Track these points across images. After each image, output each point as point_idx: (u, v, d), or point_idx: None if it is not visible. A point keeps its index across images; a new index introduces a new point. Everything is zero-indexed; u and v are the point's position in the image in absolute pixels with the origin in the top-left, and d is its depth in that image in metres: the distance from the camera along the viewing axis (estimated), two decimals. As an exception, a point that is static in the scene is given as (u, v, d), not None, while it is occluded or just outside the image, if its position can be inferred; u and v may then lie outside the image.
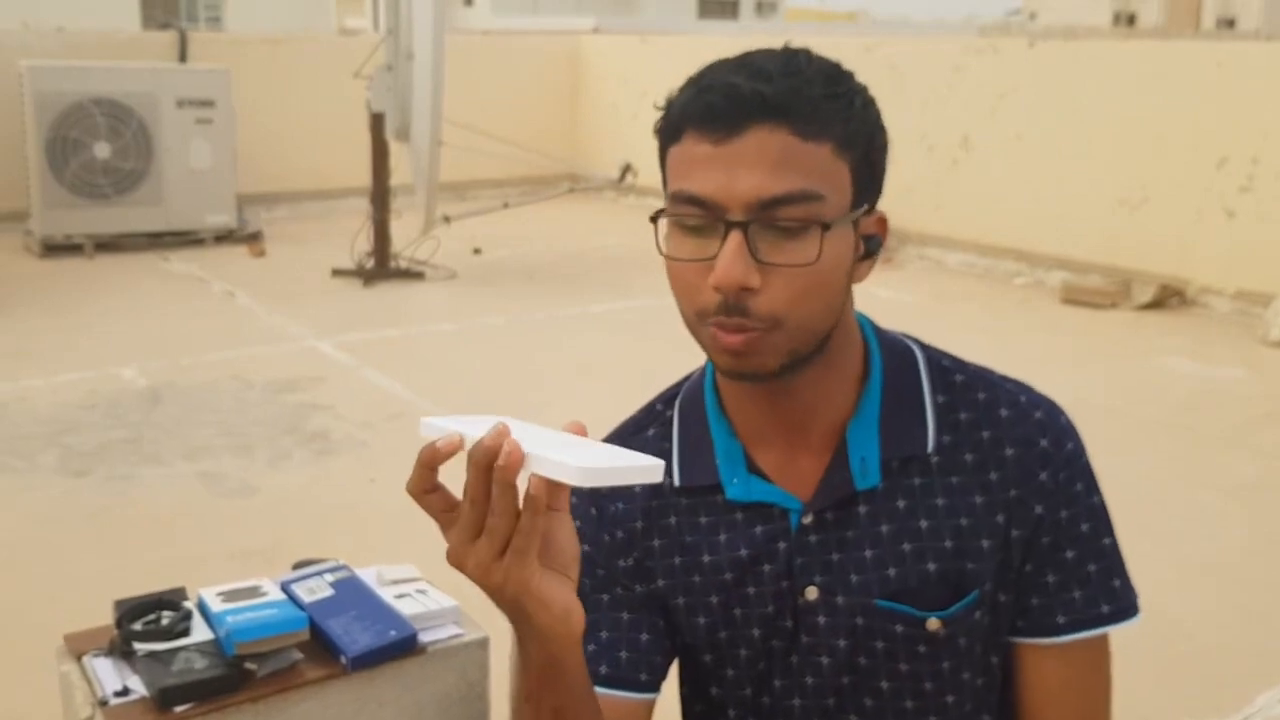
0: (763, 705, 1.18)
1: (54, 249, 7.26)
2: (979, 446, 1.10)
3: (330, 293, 6.54)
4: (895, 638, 1.10)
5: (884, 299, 6.50)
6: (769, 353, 1.02)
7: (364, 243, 6.82)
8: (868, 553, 1.10)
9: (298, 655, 1.44)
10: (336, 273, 6.82)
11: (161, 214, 7.56)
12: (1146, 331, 5.99)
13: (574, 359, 5.21)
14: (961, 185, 7.57)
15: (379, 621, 1.48)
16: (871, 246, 1.06)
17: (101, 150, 7.29)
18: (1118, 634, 1.12)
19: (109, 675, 1.42)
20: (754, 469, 1.13)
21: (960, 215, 7.54)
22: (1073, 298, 6.55)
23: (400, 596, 1.56)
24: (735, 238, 0.98)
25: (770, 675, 1.17)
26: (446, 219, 7.04)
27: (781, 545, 1.12)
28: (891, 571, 1.09)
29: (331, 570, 1.60)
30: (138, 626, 1.47)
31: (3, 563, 3.26)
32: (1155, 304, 6.36)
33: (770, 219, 0.98)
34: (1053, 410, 1.13)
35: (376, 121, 6.72)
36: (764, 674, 1.17)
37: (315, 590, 1.55)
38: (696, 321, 1.04)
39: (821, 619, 1.12)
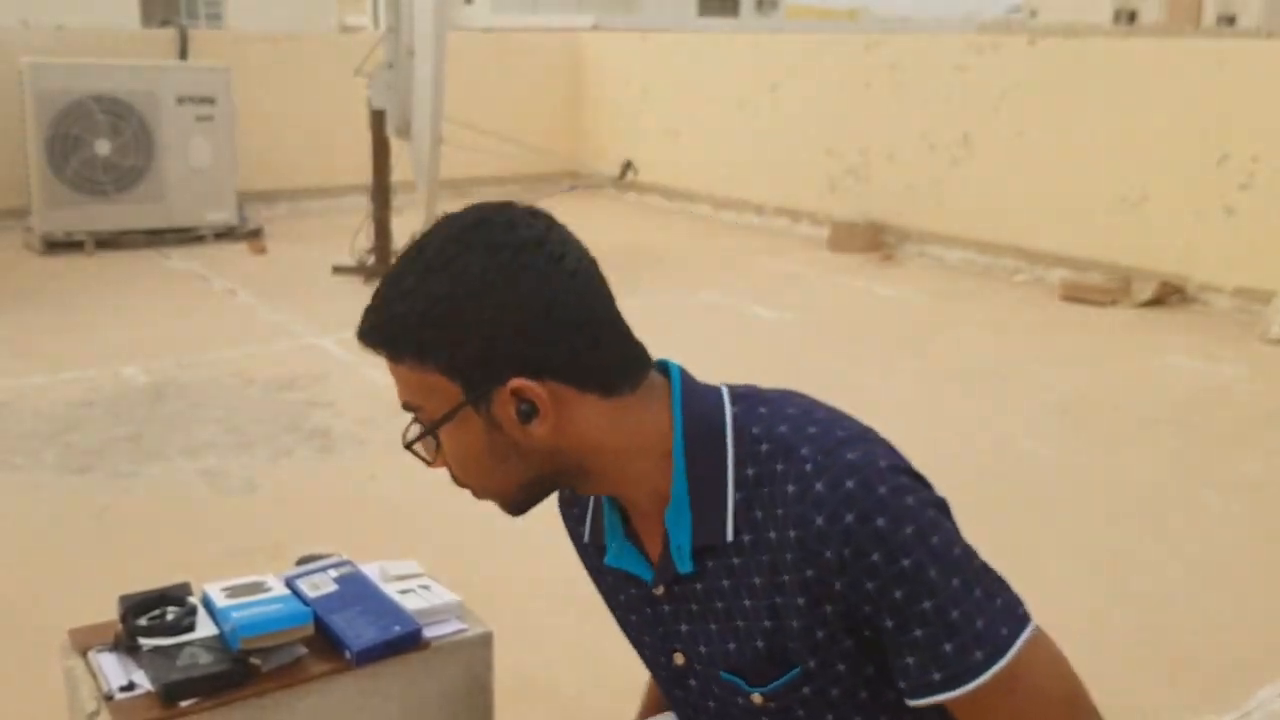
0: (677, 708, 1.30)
1: (54, 246, 7.26)
2: (776, 524, 1.08)
3: (331, 290, 6.54)
4: (739, 708, 1.17)
5: (885, 297, 6.51)
6: (498, 504, 1.19)
7: (365, 240, 6.82)
8: (712, 626, 1.16)
9: (302, 650, 1.45)
10: (337, 270, 6.82)
11: (162, 211, 7.56)
12: (1147, 329, 6.00)
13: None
14: (962, 183, 7.57)
15: (383, 616, 1.49)
16: (525, 412, 1.09)
17: (102, 147, 7.29)
18: (1118, 629, 1.10)
19: (114, 670, 1.42)
20: (631, 535, 1.21)
21: (961, 213, 7.54)
22: (1073, 295, 6.55)
23: (404, 592, 1.57)
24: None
25: (670, 698, 1.30)
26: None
27: (647, 610, 1.22)
28: (731, 646, 1.15)
29: (335, 566, 1.61)
30: (143, 622, 1.48)
31: (6, 560, 3.27)
32: (1155, 301, 6.37)
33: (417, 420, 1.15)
34: (838, 478, 1.04)
35: (377, 119, 6.71)
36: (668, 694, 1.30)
37: (319, 585, 1.55)
38: None
39: (692, 681, 1.21)
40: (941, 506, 1.08)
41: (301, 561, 1.65)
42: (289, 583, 1.56)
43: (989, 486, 3.83)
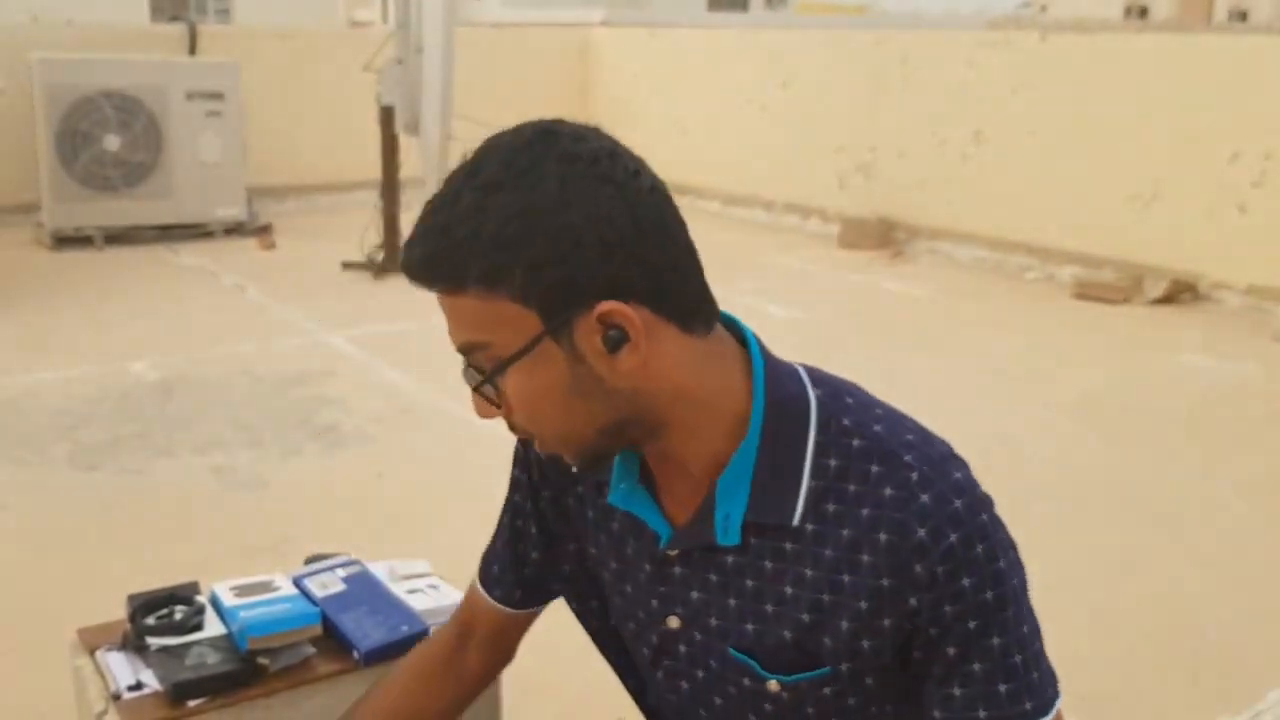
0: (652, 677, 1.24)
1: (64, 241, 7.27)
2: (857, 523, 1.02)
3: (340, 286, 6.54)
4: (743, 689, 1.11)
5: (895, 293, 6.49)
6: (563, 457, 1.09)
7: (374, 236, 6.82)
8: (731, 601, 1.09)
9: (310, 650, 1.45)
10: (347, 266, 6.82)
11: (171, 207, 7.57)
12: (1158, 327, 5.97)
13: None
14: (973, 179, 7.54)
15: (391, 616, 1.48)
16: (613, 340, 0.98)
17: (111, 143, 7.29)
18: (1129, 627, 1.08)
19: (122, 669, 1.42)
20: (646, 480, 1.13)
21: (972, 209, 7.52)
22: (1084, 293, 6.53)
23: (412, 591, 1.57)
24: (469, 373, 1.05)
25: (640, 674, 1.27)
26: (456, 212, 7.03)
27: (648, 566, 1.14)
28: (750, 626, 1.08)
29: (344, 565, 1.61)
30: (151, 621, 1.47)
31: (14, 556, 3.27)
32: (1167, 299, 6.34)
33: (472, 364, 1.03)
34: (945, 494, 1.01)
35: (386, 115, 6.71)
36: (637, 669, 1.27)
37: (327, 585, 1.55)
38: None
39: (682, 648, 1.15)
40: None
41: (310, 561, 1.65)
42: (297, 582, 1.55)
43: (999, 484, 3.79)
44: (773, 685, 1.08)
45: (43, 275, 6.65)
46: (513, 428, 1.07)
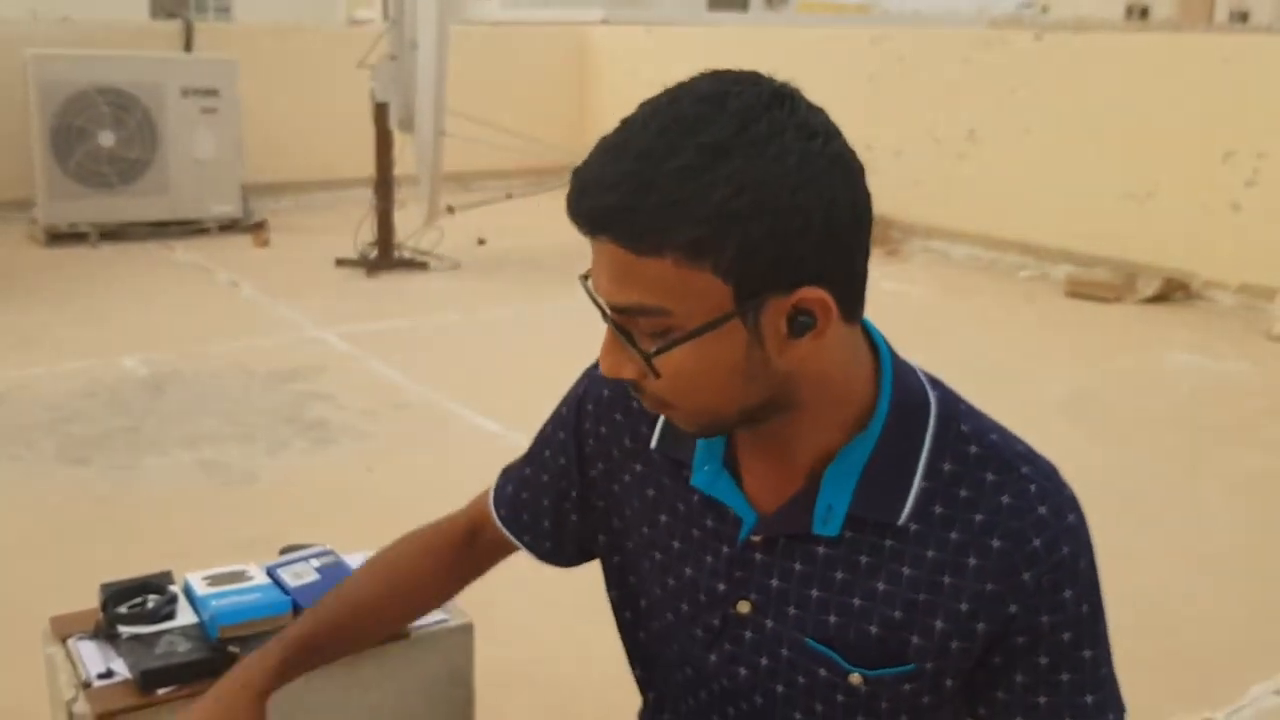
0: (676, 678, 1.21)
1: (58, 238, 7.27)
2: (968, 528, 1.02)
3: (334, 283, 6.54)
4: (817, 679, 1.09)
5: (890, 291, 6.49)
6: (679, 422, 1.04)
7: (368, 233, 6.82)
8: (814, 592, 1.07)
9: (281, 639, 1.44)
10: (340, 263, 6.82)
11: (166, 203, 7.57)
12: (1151, 325, 5.98)
13: (578, 350, 5.19)
14: (968, 178, 7.55)
15: (363, 606, 1.48)
16: (801, 325, 0.95)
17: (106, 139, 7.29)
18: (1113, 623, 1.09)
19: (93, 657, 1.42)
20: (730, 464, 1.10)
21: (966, 208, 7.52)
22: (1078, 291, 6.53)
23: (386, 582, 1.56)
24: (608, 332, 0.98)
25: (687, 658, 1.18)
26: (450, 209, 7.04)
27: (725, 549, 1.11)
28: (832, 619, 1.06)
29: (318, 555, 1.61)
30: (123, 609, 1.47)
31: (3, 549, 3.27)
32: (1160, 298, 6.34)
33: (626, 323, 0.96)
34: (1061, 508, 1.02)
35: (380, 112, 6.71)
36: (681, 653, 1.19)
37: (301, 575, 1.55)
38: None
39: (748, 634, 1.11)
40: None
41: (285, 551, 1.65)
42: (270, 572, 1.55)
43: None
44: (855, 678, 1.06)
45: (36, 271, 6.65)
46: (641, 392, 1.00)
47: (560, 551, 1.30)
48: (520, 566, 1.44)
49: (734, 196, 0.88)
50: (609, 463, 1.21)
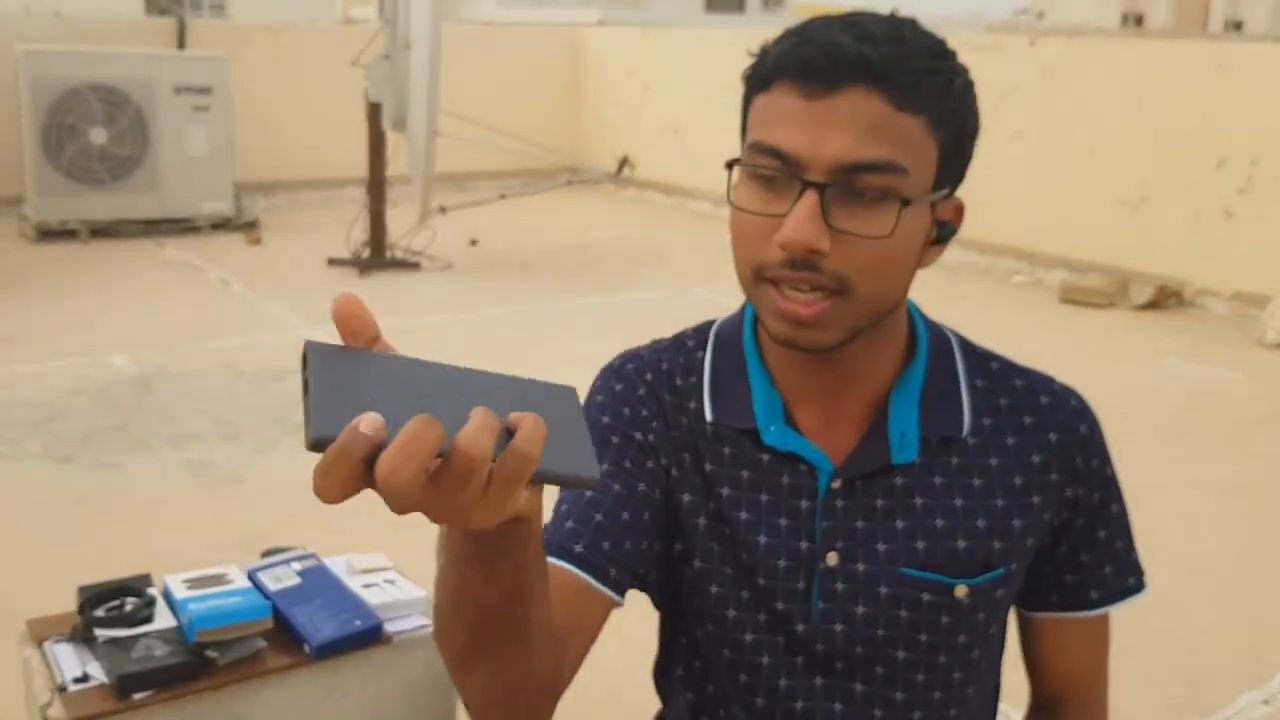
0: (761, 661, 1.12)
1: (49, 235, 7.23)
2: (1021, 430, 1.11)
3: (326, 282, 6.52)
4: (921, 606, 1.08)
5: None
6: (831, 327, 1.00)
7: (360, 232, 6.80)
8: (899, 524, 1.08)
9: (261, 644, 1.43)
10: (332, 262, 6.80)
11: (158, 201, 7.53)
12: (1144, 332, 5.97)
13: (571, 351, 5.18)
14: (961, 183, 7.53)
15: (344, 611, 1.46)
16: (944, 233, 1.04)
17: (98, 136, 7.26)
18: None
19: (69, 661, 1.40)
20: (790, 422, 1.10)
21: (959, 213, 7.51)
22: (1071, 297, 6.53)
23: (368, 586, 1.55)
24: (810, 198, 0.95)
25: (775, 628, 1.11)
26: (442, 209, 7.02)
27: (805, 504, 1.09)
28: (920, 545, 1.08)
29: (299, 559, 1.59)
30: (100, 613, 1.46)
31: (-15, 548, 3.25)
32: (1153, 305, 6.34)
33: (850, 184, 0.95)
34: (1082, 398, 1.17)
35: (374, 111, 6.69)
36: (767, 625, 1.11)
37: (282, 579, 1.53)
38: (753, 279, 1.02)
39: (840, 585, 1.09)
40: None
41: (266, 554, 1.63)
42: (251, 575, 1.53)
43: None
44: (960, 590, 1.08)
45: (26, 268, 6.61)
46: (818, 271, 0.97)
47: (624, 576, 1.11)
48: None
49: (965, 90, 1.00)
50: (662, 449, 1.13)
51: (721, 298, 6.35)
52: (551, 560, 1.04)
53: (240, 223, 7.76)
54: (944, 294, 6.70)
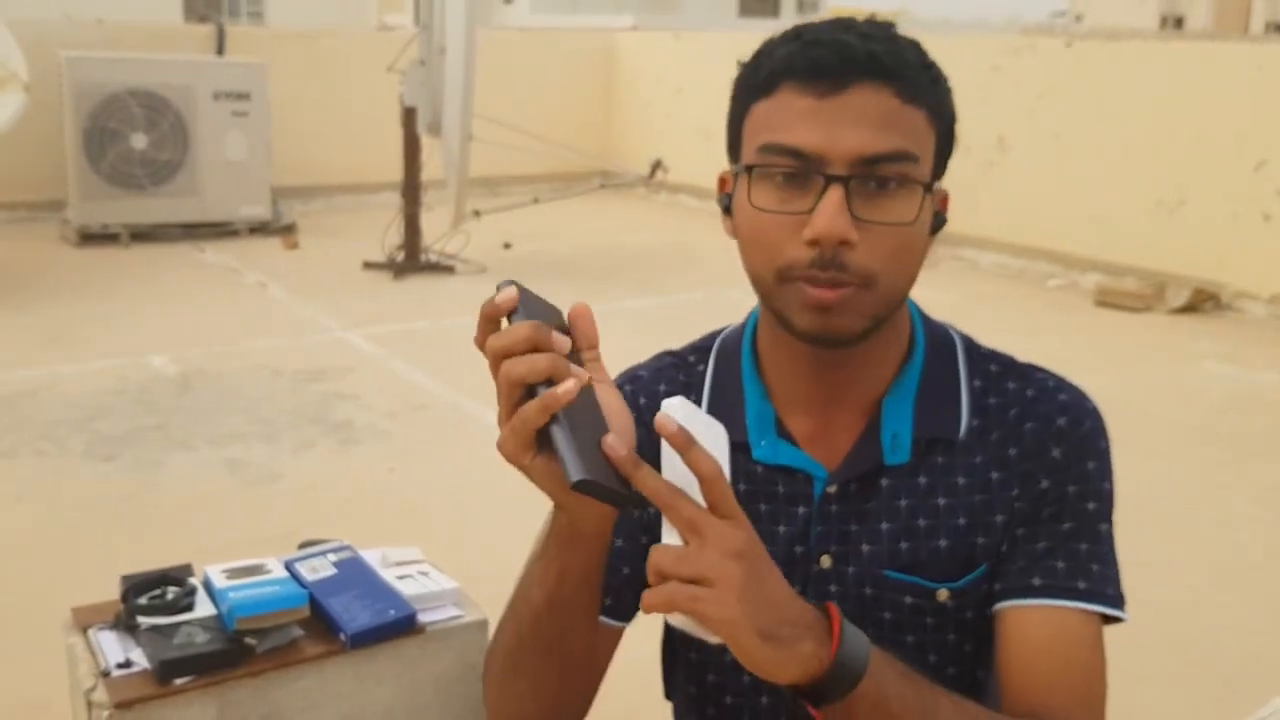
0: (739, 683, 1.15)
1: (90, 238, 7.34)
2: (1003, 425, 1.10)
3: (361, 285, 6.58)
4: (904, 609, 1.10)
5: (917, 299, 6.45)
6: (857, 314, 1.01)
7: (395, 236, 6.86)
8: (883, 525, 1.09)
9: (298, 632, 1.45)
10: (368, 265, 6.86)
11: (197, 205, 7.64)
12: (1181, 335, 5.92)
13: (604, 354, 5.20)
14: (997, 186, 7.50)
15: (379, 601, 1.49)
16: (937, 224, 1.07)
17: (138, 141, 7.37)
18: (1138, 634, 1.07)
19: (113, 647, 1.43)
20: (783, 433, 1.12)
21: (995, 216, 7.47)
22: (1107, 300, 6.48)
23: (402, 577, 1.57)
24: (836, 191, 0.98)
25: None
26: (476, 213, 7.07)
27: (801, 510, 1.11)
28: (903, 545, 1.09)
29: (335, 550, 1.61)
30: (143, 601, 1.49)
31: (29, 545, 3.31)
32: (1190, 308, 6.28)
33: (871, 175, 0.99)
34: (1080, 396, 1.13)
35: (409, 116, 6.75)
36: None
37: (318, 569, 1.56)
38: (776, 280, 1.03)
39: (833, 588, 1.11)
40: None
41: (303, 546, 1.66)
42: (288, 566, 1.56)
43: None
44: (942, 594, 1.09)
45: (68, 271, 6.72)
46: (842, 268, 0.98)
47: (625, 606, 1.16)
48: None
49: (944, 81, 1.06)
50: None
51: (754, 300, 6.35)
52: None
53: (277, 226, 7.85)
54: (978, 296, 6.68)
